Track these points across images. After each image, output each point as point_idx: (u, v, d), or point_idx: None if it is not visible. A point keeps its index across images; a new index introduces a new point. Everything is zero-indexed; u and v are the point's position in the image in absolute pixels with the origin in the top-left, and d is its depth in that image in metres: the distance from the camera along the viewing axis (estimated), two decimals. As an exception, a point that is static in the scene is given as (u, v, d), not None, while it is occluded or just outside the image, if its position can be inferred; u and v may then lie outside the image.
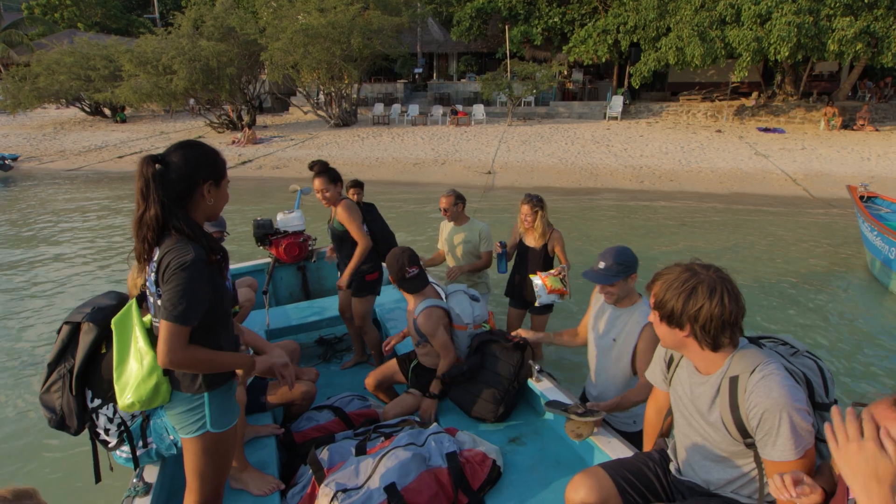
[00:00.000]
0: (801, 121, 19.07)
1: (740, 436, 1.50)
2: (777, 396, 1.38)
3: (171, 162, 1.65)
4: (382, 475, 2.17)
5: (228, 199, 1.82)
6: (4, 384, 4.57)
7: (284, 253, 4.90)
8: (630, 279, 2.46)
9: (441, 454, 2.32)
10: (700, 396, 1.60)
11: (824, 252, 8.00)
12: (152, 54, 19.25)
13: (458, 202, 4.15)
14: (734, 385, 1.49)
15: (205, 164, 1.69)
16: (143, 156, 1.63)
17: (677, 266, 1.57)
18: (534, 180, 13.80)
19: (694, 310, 1.47)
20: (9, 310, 6.15)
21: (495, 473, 2.34)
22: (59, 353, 2.08)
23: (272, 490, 2.35)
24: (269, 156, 17.20)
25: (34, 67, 23.31)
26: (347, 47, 18.61)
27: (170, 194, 1.64)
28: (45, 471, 3.56)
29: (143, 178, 1.60)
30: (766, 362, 1.46)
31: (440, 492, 2.21)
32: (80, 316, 2.07)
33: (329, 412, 2.94)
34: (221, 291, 1.74)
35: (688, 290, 1.48)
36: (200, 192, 1.69)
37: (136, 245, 1.67)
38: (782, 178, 13.18)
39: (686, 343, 1.56)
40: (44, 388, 2.09)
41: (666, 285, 1.54)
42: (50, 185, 14.70)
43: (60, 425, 2.10)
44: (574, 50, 20.93)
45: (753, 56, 15.99)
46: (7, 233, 9.69)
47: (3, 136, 21.85)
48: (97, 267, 7.68)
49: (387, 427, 2.64)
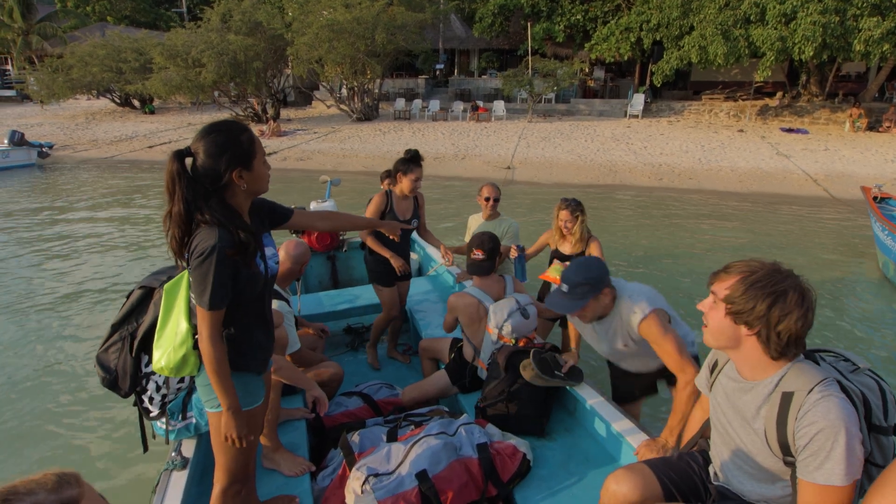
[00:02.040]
0: (826, 122, 18.87)
1: (780, 452, 1.43)
2: (835, 419, 1.29)
3: (198, 155, 1.64)
4: (413, 462, 2.18)
5: (268, 172, 1.78)
6: (47, 357, 4.92)
7: (316, 241, 5.00)
8: (602, 296, 2.26)
9: (472, 445, 2.32)
10: (745, 404, 1.51)
11: (837, 253, 8.04)
12: (182, 48, 19.79)
13: None
14: (787, 401, 1.40)
15: (230, 153, 1.64)
16: (172, 151, 1.63)
17: (758, 262, 1.46)
18: (552, 176, 13.96)
19: (777, 315, 1.37)
20: (52, 285, 6.55)
21: (525, 467, 2.34)
22: (125, 315, 2.14)
23: (303, 471, 2.39)
24: (293, 148, 17.58)
25: (67, 59, 24.01)
26: (371, 43, 18.91)
27: (200, 188, 1.64)
28: (85, 440, 3.73)
29: (169, 175, 1.60)
30: (825, 382, 1.36)
31: (470, 482, 2.22)
32: (157, 283, 2.12)
33: (358, 398, 3.01)
34: (247, 279, 1.71)
35: (776, 293, 1.38)
36: (231, 180, 1.66)
37: (167, 239, 1.68)
38: (802, 178, 13.15)
39: (745, 343, 1.46)
40: (102, 348, 2.15)
41: (747, 282, 1.42)
42: (84, 171, 15.26)
43: (112, 385, 2.14)
44: (596, 47, 20.96)
45: (777, 56, 15.89)
46: (53, 215, 10.17)
47: (37, 125, 22.58)
48: (136, 248, 8.08)
49: (417, 416, 2.66)
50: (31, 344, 5.06)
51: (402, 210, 3.68)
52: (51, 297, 6.21)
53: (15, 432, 3.82)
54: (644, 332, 2.25)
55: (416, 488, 2.10)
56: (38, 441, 3.73)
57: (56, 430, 3.86)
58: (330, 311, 4.20)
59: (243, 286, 1.71)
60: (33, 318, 5.62)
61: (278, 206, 2.01)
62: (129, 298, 2.17)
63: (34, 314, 5.71)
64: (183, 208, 1.61)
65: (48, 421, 3.95)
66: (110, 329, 2.15)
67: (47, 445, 3.70)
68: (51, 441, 3.75)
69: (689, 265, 7.31)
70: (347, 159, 16.16)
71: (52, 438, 3.77)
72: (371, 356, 4.00)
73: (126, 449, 3.61)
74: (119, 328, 2.14)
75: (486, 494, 2.23)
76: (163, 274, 2.20)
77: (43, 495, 0.87)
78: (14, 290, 6.39)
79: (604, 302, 2.28)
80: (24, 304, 5.99)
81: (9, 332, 5.29)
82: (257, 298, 1.80)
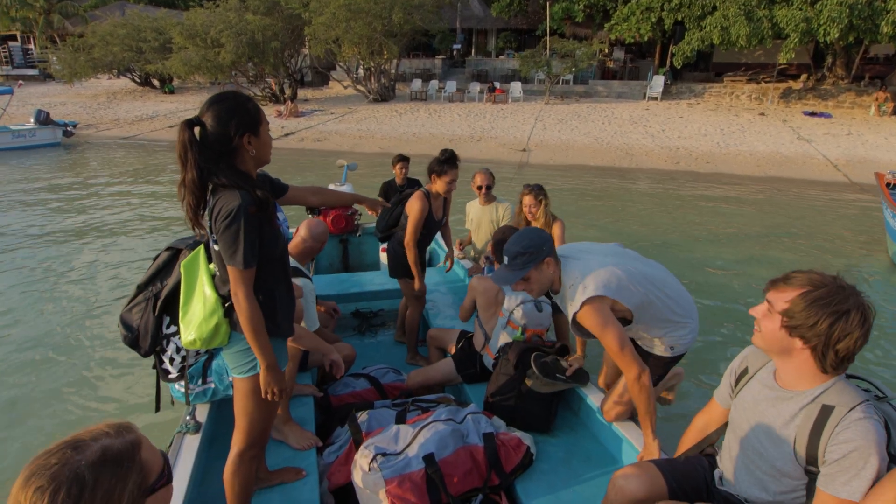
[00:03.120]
0: (851, 105, 18.47)
1: (805, 461, 1.45)
2: (873, 441, 1.34)
3: (206, 122, 1.67)
4: (421, 444, 2.22)
5: (271, 142, 1.83)
6: (64, 320, 5.18)
7: (332, 224, 5.05)
8: (545, 265, 2.09)
9: (478, 433, 2.37)
10: (778, 411, 1.52)
11: (849, 239, 8.03)
12: (201, 27, 19.94)
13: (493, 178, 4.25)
14: (825, 414, 1.42)
15: (238, 118, 1.68)
16: (182, 120, 1.65)
17: (819, 276, 1.44)
18: (568, 158, 13.95)
19: (838, 335, 1.37)
20: (78, 256, 6.83)
21: (528, 460, 2.39)
22: (151, 276, 2.20)
23: (310, 445, 2.45)
24: (310, 129, 17.73)
25: (89, 38, 24.29)
26: (388, 22, 18.86)
27: (212, 154, 1.68)
28: (99, 399, 3.92)
29: (181, 143, 1.63)
30: (867, 404, 1.40)
31: (474, 469, 2.27)
32: (184, 245, 2.20)
33: (365, 380, 3.06)
34: (269, 237, 1.75)
35: (839, 312, 1.37)
36: (241, 145, 1.70)
37: (183, 207, 1.71)
38: (823, 163, 12.98)
39: (795, 354, 1.47)
40: (127, 307, 2.20)
41: (810, 298, 1.40)
42: (108, 149, 15.61)
43: (133, 344, 2.20)
44: (616, 28, 20.65)
45: (802, 37, 15.57)
46: (81, 191, 10.49)
47: (60, 104, 23.00)
48: (161, 220, 8.34)
49: (424, 402, 2.70)
50: (59, 306, 5.33)
51: (436, 209, 3.50)
52: (82, 262, 6.50)
53: (44, 387, 4.07)
54: (582, 322, 2.04)
55: (422, 470, 2.14)
56: (60, 396, 3.96)
57: (73, 389, 4.07)
58: (340, 293, 4.21)
59: (268, 245, 1.74)
60: (63, 285, 5.90)
61: (276, 180, 2.07)
62: (157, 260, 2.24)
63: (65, 280, 5.99)
64: (196, 175, 1.64)
65: (68, 379, 4.18)
66: (136, 289, 2.22)
67: (70, 401, 3.93)
68: (72, 397, 3.97)
69: (703, 250, 7.36)
70: (364, 140, 16.27)
71: (74, 394, 3.99)
72: (410, 356, 3.84)
73: (137, 408, 3.79)
74: (144, 289, 2.20)
75: (489, 483, 2.27)
76: (190, 238, 2.26)
77: (108, 440, 0.92)
78: (47, 258, 6.68)
79: (547, 273, 2.10)
80: (59, 269, 6.28)
81: (39, 296, 5.57)
82: (279, 259, 1.84)
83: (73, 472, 0.86)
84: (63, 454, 0.88)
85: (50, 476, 0.85)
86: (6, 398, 3.95)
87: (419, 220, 3.35)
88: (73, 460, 0.87)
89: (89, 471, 0.87)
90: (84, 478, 0.86)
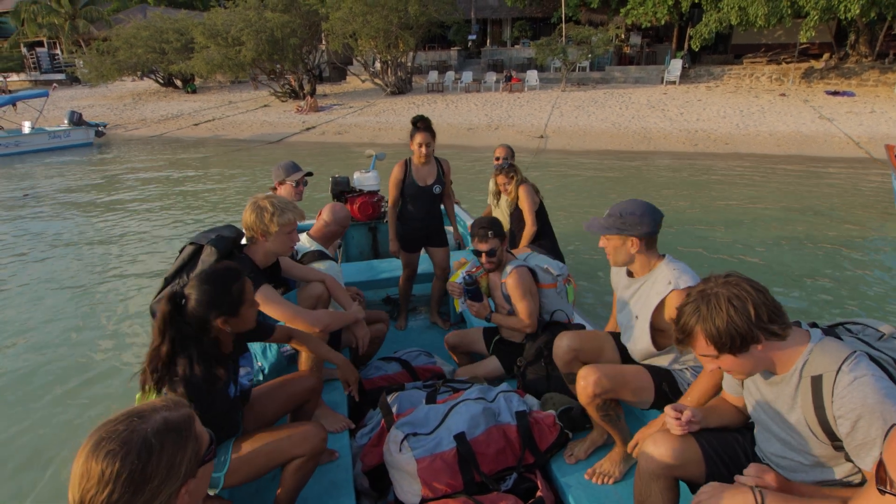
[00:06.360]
0: (875, 83, 18.14)
1: (827, 438, 1.37)
2: (873, 403, 1.24)
3: (190, 299, 1.74)
4: (452, 424, 2.22)
5: (255, 311, 1.88)
6: (92, 315, 5.56)
7: (358, 211, 5.07)
8: (629, 242, 2.07)
9: (510, 412, 2.34)
10: (779, 397, 1.49)
11: (866, 211, 8.06)
12: (222, 27, 20.42)
13: (513, 154, 4.50)
14: (818, 385, 1.36)
15: (217, 304, 1.74)
16: (167, 293, 1.73)
17: (679, 305, 1.48)
18: (585, 144, 14.04)
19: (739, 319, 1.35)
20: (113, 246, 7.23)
21: (563, 438, 2.34)
22: (178, 269, 2.28)
23: (343, 428, 2.47)
24: (330, 122, 18.08)
25: (113, 42, 24.97)
26: (404, 15, 19.09)
27: (189, 330, 1.73)
28: (115, 386, 4.03)
29: (161, 315, 1.68)
30: (852, 358, 1.32)
31: (507, 447, 2.24)
32: (206, 239, 2.26)
33: (397, 364, 3.06)
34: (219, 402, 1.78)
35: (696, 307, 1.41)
36: (216, 326, 1.76)
37: (146, 367, 1.68)
38: (844, 140, 12.87)
39: (756, 354, 1.41)
40: (155, 299, 2.27)
41: (700, 324, 1.40)
42: (138, 148, 16.16)
43: None
44: (632, 12, 20.52)
45: (822, 14, 15.35)
46: (118, 187, 10.97)
47: (88, 107, 23.72)
48: (192, 210, 8.73)
49: (456, 382, 2.67)
50: (93, 292, 5.71)
51: (421, 177, 3.78)
52: (122, 252, 6.90)
53: (74, 367, 4.31)
54: (669, 303, 2.01)
55: (454, 449, 2.13)
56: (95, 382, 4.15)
57: (107, 377, 4.23)
58: (370, 279, 4.22)
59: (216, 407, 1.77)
60: (100, 272, 6.29)
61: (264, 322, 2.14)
62: (181, 254, 2.32)
63: (103, 270, 6.39)
64: (169, 349, 1.68)
65: (93, 362, 4.38)
66: (163, 282, 2.30)
67: (103, 383, 4.10)
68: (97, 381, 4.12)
69: (723, 230, 7.47)
70: (383, 132, 16.55)
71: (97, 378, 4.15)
72: (401, 322, 4.14)
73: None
74: (171, 281, 2.28)
75: (523, 461, 2.24)
76: (213, 232, 2.32)
77: (167, 412, 0.99)
78: (88, 248, 7.10)
79: (626, 248, 2.08)
80: (99, 260, 6.69)
81: (74, 286, 5.96)
82: (224, 413, 1.85)
83: (141, 438, 0.92)
84: (130, 422, 0.94)
85: (121, 441, 0.91)
86: (42, 383, 4.13)
87: (393, 183, 3.80)
88: (140, 428, 0.94)
89: (155, 437, 0.94)
90: (151, 443, 0.93)
